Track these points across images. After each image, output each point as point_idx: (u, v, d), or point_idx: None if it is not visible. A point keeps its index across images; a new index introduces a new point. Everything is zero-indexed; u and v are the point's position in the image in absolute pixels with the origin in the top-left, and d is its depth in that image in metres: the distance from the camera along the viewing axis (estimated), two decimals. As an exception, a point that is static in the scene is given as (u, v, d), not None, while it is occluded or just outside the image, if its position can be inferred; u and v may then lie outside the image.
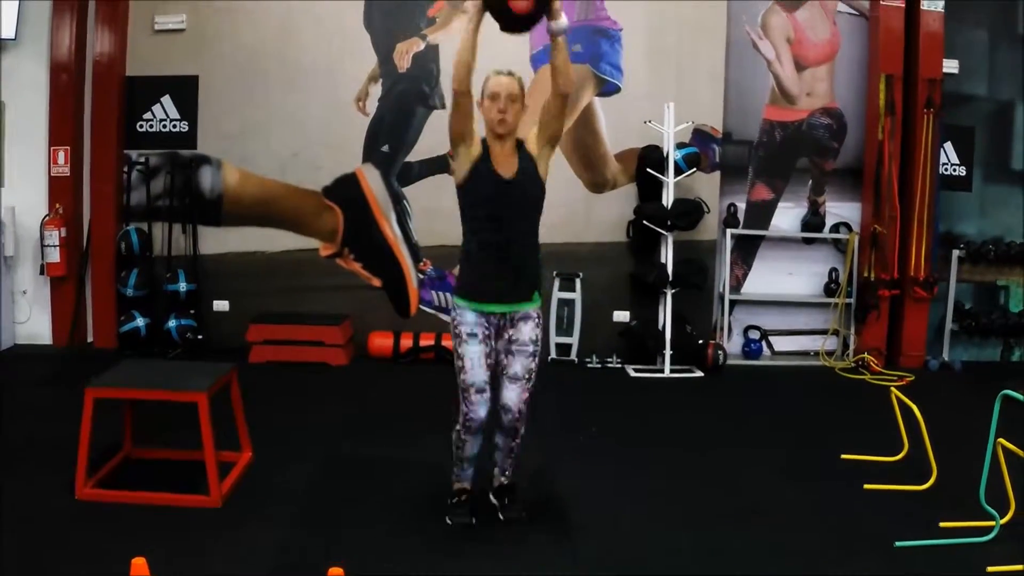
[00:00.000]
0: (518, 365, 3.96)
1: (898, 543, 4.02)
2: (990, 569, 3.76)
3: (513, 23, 3.71)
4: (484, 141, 3.90)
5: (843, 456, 5.21)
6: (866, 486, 4.75)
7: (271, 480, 4.62)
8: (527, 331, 3.96)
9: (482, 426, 3.98)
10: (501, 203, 3.86)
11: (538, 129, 3.93)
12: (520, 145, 3.92)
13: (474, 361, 3.90)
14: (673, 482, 4.80)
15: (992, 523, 4.11)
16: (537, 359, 4.02)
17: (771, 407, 6.55)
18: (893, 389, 5.25)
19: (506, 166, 3.87)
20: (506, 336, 3.97)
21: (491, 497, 4.23)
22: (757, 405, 6.60)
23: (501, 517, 4.13)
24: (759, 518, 4.31)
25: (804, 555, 3.90)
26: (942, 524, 4.22)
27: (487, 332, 3.94)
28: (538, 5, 3.63)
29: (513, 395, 3.97)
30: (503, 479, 4.23)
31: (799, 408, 6.55)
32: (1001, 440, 4.08)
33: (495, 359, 3.98)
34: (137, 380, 4.39)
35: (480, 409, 3.92)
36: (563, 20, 3.69)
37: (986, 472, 4.03)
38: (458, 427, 4.01)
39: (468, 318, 3.93)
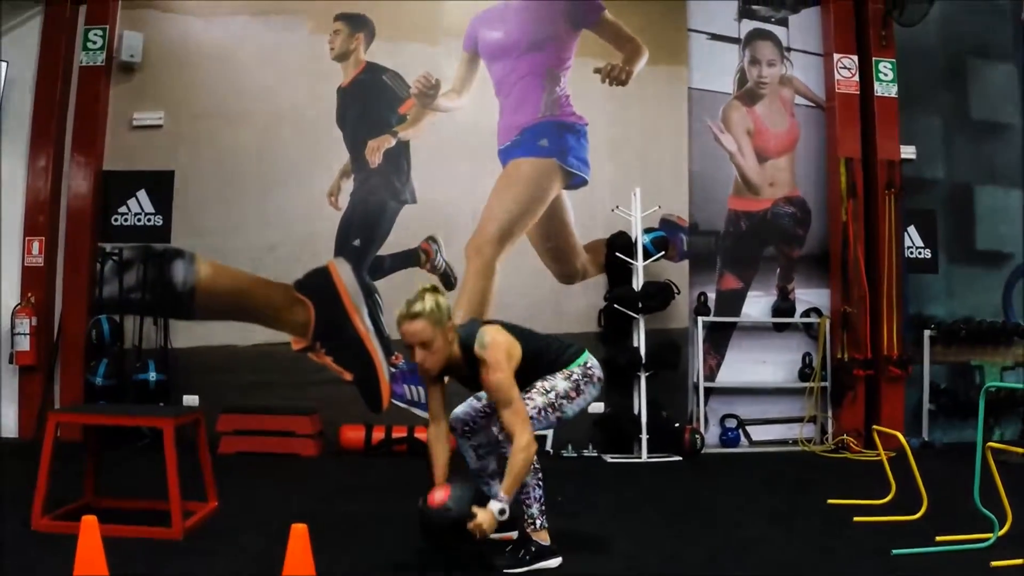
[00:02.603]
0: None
1: (895, 551, 3.89)
2: (994, 564, 3.63)
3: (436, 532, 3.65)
4: None
5: (830, 501, 5.08)
6: (856, 519, 4.62)
7: (237, 522, 4.41)
8: None
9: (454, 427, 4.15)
10: None
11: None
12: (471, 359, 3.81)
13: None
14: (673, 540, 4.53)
15: (988, 535, 3.99)
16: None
17: (758, 478, 6.39)
18: (875, 427, 5.18)
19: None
20: None
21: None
22: (743, 478, 6.43)
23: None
24: (753, 554, 4.10)
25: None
26: (938, 538, 4.09)
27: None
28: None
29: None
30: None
31: (786, 478, 6.39)
32: (991, 443, 4.01)
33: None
34: (102, 410, 4.24)
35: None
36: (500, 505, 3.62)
37: (978, 476, 3.93)
38: None
39: None
